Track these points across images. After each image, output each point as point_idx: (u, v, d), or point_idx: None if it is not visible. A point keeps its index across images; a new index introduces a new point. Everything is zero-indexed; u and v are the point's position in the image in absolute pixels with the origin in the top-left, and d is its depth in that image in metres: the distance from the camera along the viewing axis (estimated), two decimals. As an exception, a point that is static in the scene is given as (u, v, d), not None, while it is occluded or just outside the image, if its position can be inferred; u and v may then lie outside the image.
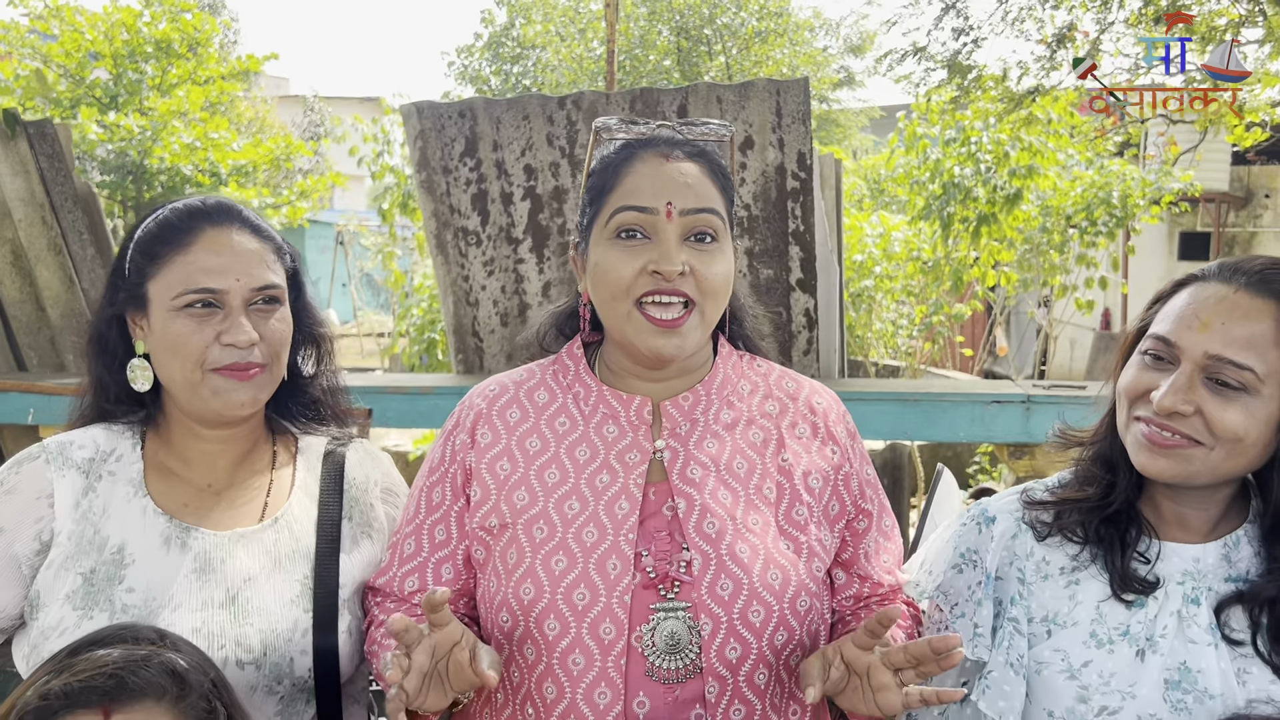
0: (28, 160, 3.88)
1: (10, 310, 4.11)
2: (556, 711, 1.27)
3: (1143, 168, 13.95)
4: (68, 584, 1.33)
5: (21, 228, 3.96)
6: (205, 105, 18.20)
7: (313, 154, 21.33)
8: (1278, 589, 1.22)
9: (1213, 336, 1.21)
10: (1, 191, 3.92)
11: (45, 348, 4.16)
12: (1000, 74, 8.38)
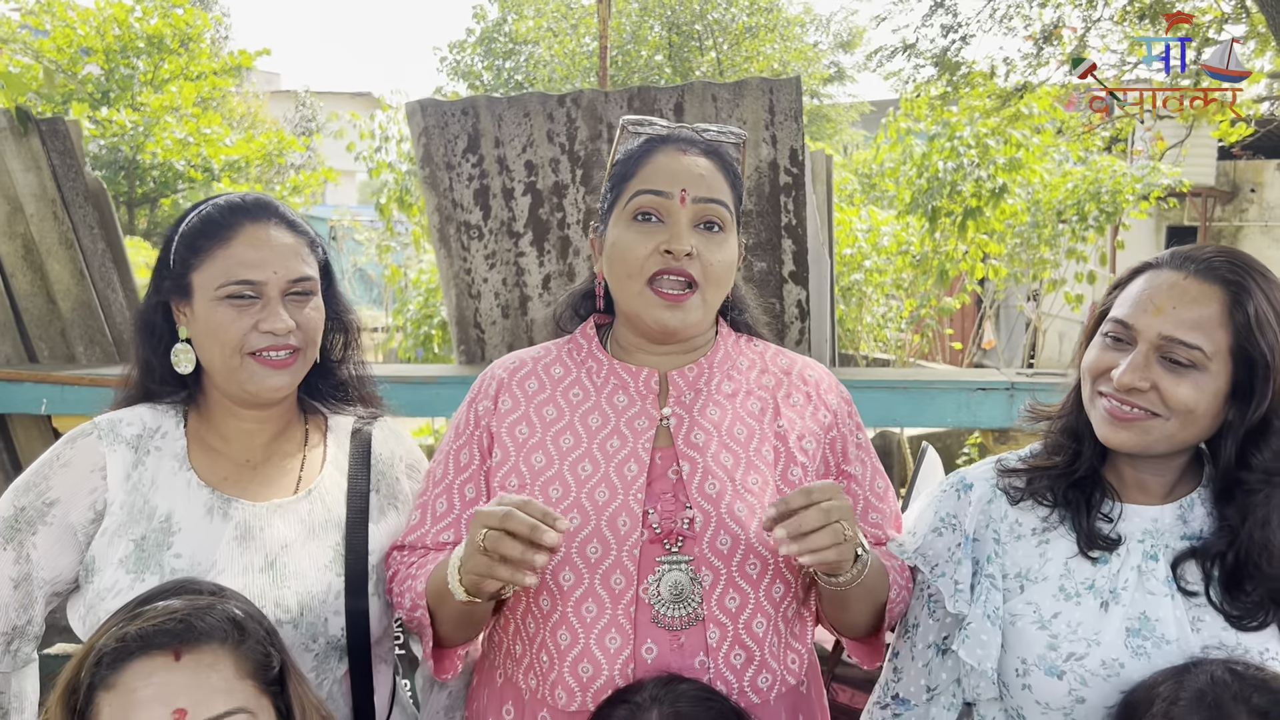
0: (39, 156, 3.98)
1: (21, 303, 4.20)
2: (570, 657, 1.39)
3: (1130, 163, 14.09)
4: (120, 550, 1.44)
5: (33, 222, 4.06)
6: (197, 101, 18.18)
7: (305, 149, 21.29)
8: (1227, 544, 1.35)
9: (1166, 319, 1.33)
10: (14, 187, 4.01)
11: (56, 339, 4.26)
12: (989, 71, 8.53)
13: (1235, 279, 1.36)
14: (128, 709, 1.10)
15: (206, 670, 1.14)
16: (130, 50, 18.10)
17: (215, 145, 16.67)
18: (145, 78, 18.67)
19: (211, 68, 19.15)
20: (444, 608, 1.41)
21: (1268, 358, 1.32)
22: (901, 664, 1.58)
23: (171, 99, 17.02)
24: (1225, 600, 1.36)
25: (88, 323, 4.18)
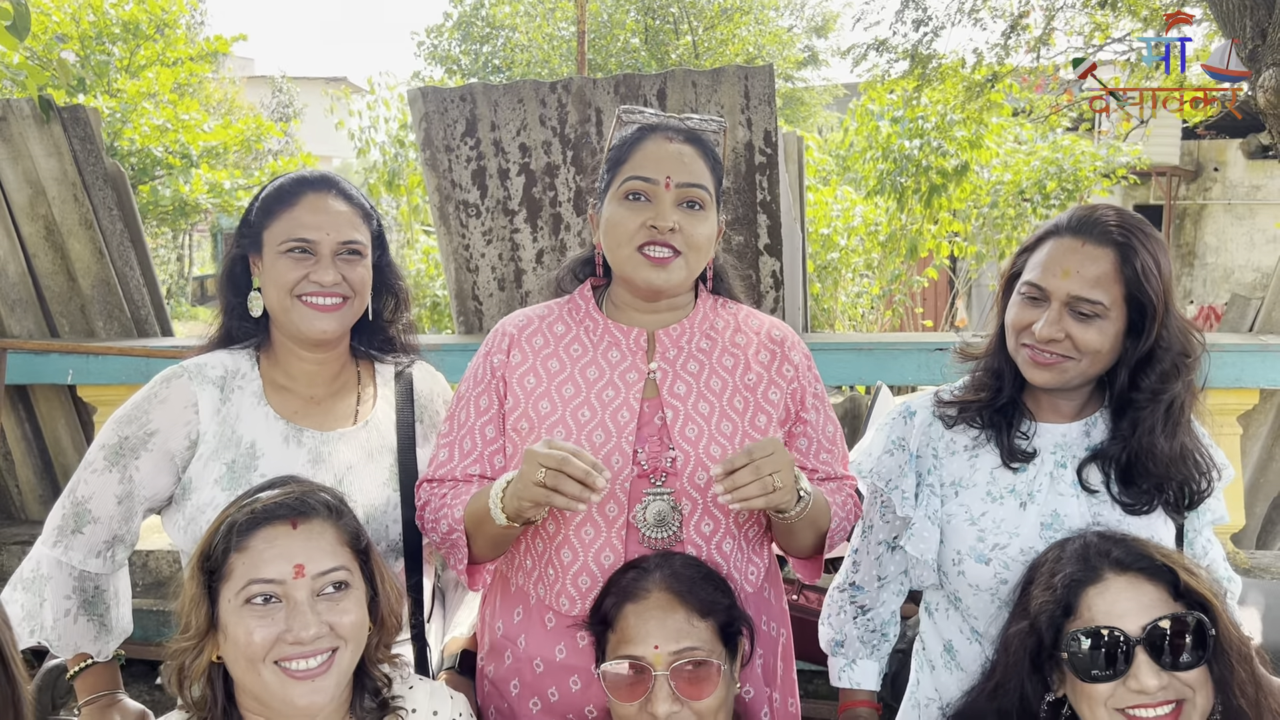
0: (61, 142, 4.22)
1: (43, 281, 4.45)
2: (571, 571, 1.68)
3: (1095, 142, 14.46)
4: (215, 472, 1.73)
5: (55, 205, 4.30)
6: (174, 87, 18.14)
7: (283, 135, 21.28)
8: (1121, 449, 1.66)
9: (1072, 282, 1.64)
10: (36, 171, 4.25)
11: (76, 315, 4.51)
12: (959, 62, 8.82)
13: (1124, 240, 1.67)
14: (258, 565, 1.38)
15: (316, 536, 1.43)
16: (106, 36, 18.01)
17: (193, 131, 16.62)
18: (121, 64, 18.59)
19: (188, 53, 19.07)
20: (481, 531, 1.63)
21: (1153, 301, 1.63)
22: (859, 558, 1.89)
23: (148, 85, 16.96)
24: (1121, 493, 1.68)
25: (107, 299, 4.43)
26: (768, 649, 1.79)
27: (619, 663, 1.44)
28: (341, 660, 1.40)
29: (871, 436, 1.89)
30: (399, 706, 1.50)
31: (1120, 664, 1.39)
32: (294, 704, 1.37)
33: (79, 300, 4.46)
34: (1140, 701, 1.38)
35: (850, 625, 1.86)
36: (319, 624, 1.37)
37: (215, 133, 16.99)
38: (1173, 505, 1.69)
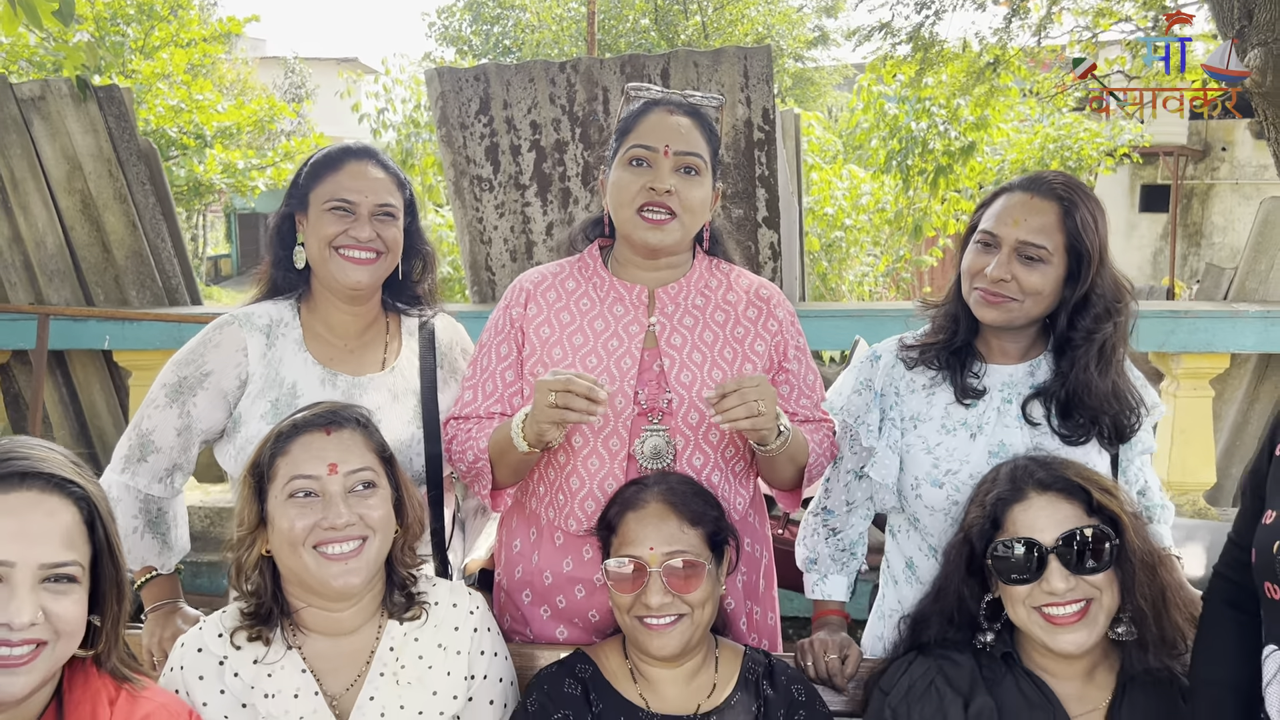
0: (97, 120, 4.45)
1: (80, 252, 4.70)
2: (579, 496, 1.91)
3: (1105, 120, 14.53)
4: (261, 409, 1.97)
5: (90, 180, 4.54)
6: (188, 67, 18.31)
7: (295, 115, 21.43)
8: (1060, 386, 1.88)
9: (1020, 229, 1.86)
10: (73, 148, 4.49)
11: (110, 285, 4.76)
12: (960, 47, 8.96)
13: (1067, 196, 1.88)
14: (298, 464, 1.62)
15: (347, 442, 1.66)
16: (120, 17, 18.14)
17: (207, 112, 16.76)
18: (136, 45, 18.74)
19: (201, 34, 19.20)
20: (504, 459, 1.85)
21: (1089, 252, 1.85)
22: (831, 486, 2.12)
23: (163, 66, 17.10)
24: (1060, 425, 1.90)
25: (139, 270, 4.68)
26: (750, 568, 2.03)
27: (620, 561, 1.67)
28: (370, 549, 1.63)
29: (844, 380, 2.12)
30: (424, 601, 1.74)
31: (1036, 569, 1.61)
32: (330, 585, 1.60)
33: (113, 271, 4.70)
34: (1051, 600, 1.60)
35: (823, 545, 2.10)
36: (350, 514, 1.60)
37: (229, 113, 17.13)
38: (1106, 438, 1.91)
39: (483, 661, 1.73)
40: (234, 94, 21.00)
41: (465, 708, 1.70)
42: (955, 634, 1.73)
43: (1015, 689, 1.67)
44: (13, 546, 1.29)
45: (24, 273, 4.65)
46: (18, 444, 1.39)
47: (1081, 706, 1.65)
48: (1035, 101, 12.76)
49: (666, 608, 1.64)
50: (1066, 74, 13.17)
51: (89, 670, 1.42)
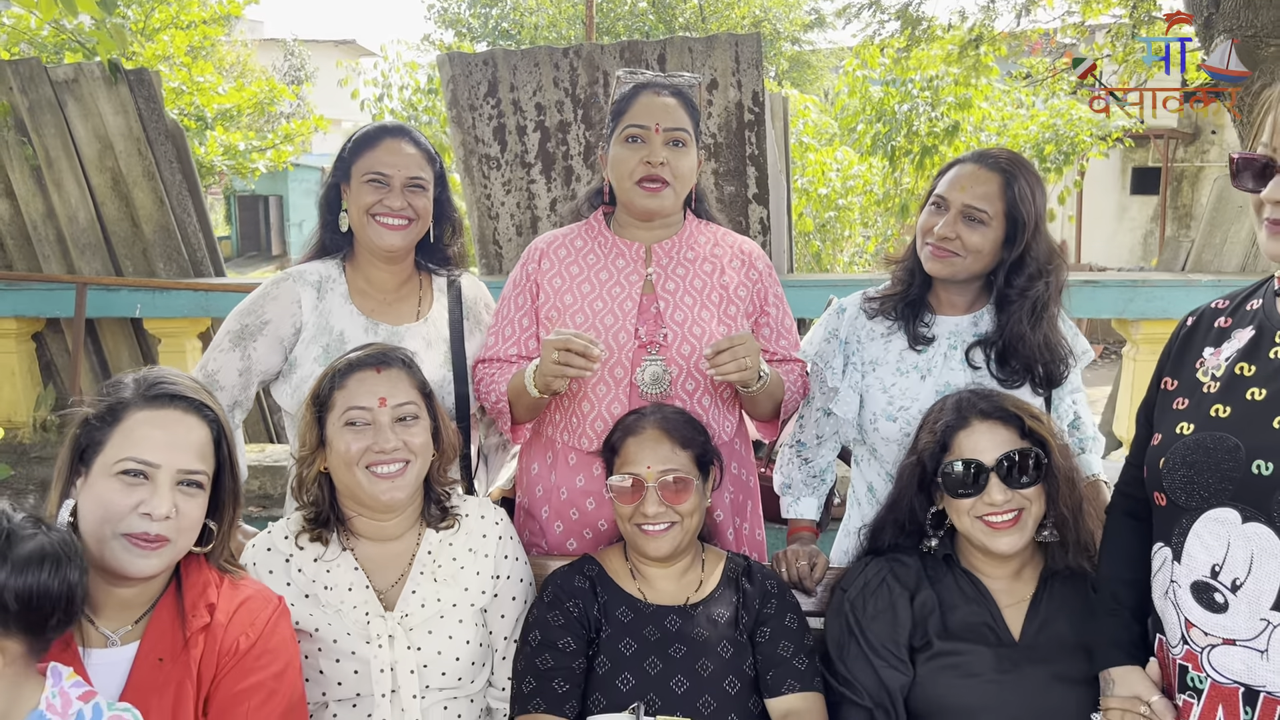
0: (127, 102, 4.74)
1: (110, 226, 4.99)
2: (589, 418, 2.22)
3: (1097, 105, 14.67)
4: (314, 352, 2.27)
5: (121, 158, 4.83)
6: (188, 50, 18.45)
7: (295, 98, 21.56)
8: (998, 336, 2.19)
9: (967, 194, 2.16)
10: (105, 128, 4.78)
11: (139, 258, 5.05)
12: (946, 24, 9.23)
13: (1009, 170, 2.18)
14: (354, 397, 1.91)
15: (394, 379, 1.95)
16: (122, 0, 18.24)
17: (208, 94, 16.84)
18: (137, 27, 18.84)
19: (201, 16, 19.30)
20: (520, 401, 2.16)
21: (1025, 218, 2.15)
22: (804, 422, 2.43)
23: (164, 48, 17.18)
24: (997, 370, 2.20)
25: (166, 243, 4.97)
26: (738, 488, 2.35)
27: (622, 477, 1.98)
28: (412, 470, 1.93)
29: (814, 330, 2.43)
30: (456, 513, 2.05)
31: (978, 484, 1.92)
32: (379, 499, 1.90)
33: (141, 244, 4.99)
34: (991, 510, 1.90)
35: (796, 472, 2.41)
36: (396, 440, 1.90)
37: (229, 95, 17.24)
38: (1039, 383, 2.21)
39: (506, 564, 2.04)
40: (234, 76, 21.11)
41: (491, 602, 2.01)
42: (905, 540, 2.03)
43: (954, 585, 1.97)
44: (160, 452, 1.57)
45: (57, 246, 4.94)
46: (166, 373, 1.68)
47: (1010, 599, 1.95)
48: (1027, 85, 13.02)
49: (661, 516, 1.95)
50: (1058, 59, 13.43)
51: (201, 563, 1.70)
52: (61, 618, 1.39)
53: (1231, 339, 1.64)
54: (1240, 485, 1.49)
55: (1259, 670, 1.47)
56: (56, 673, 1.42)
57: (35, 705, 1.37)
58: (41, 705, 1.37)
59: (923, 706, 1.87)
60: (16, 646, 1.34)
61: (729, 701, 1.87)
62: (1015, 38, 9.37)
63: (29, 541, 1.37)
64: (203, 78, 16.97)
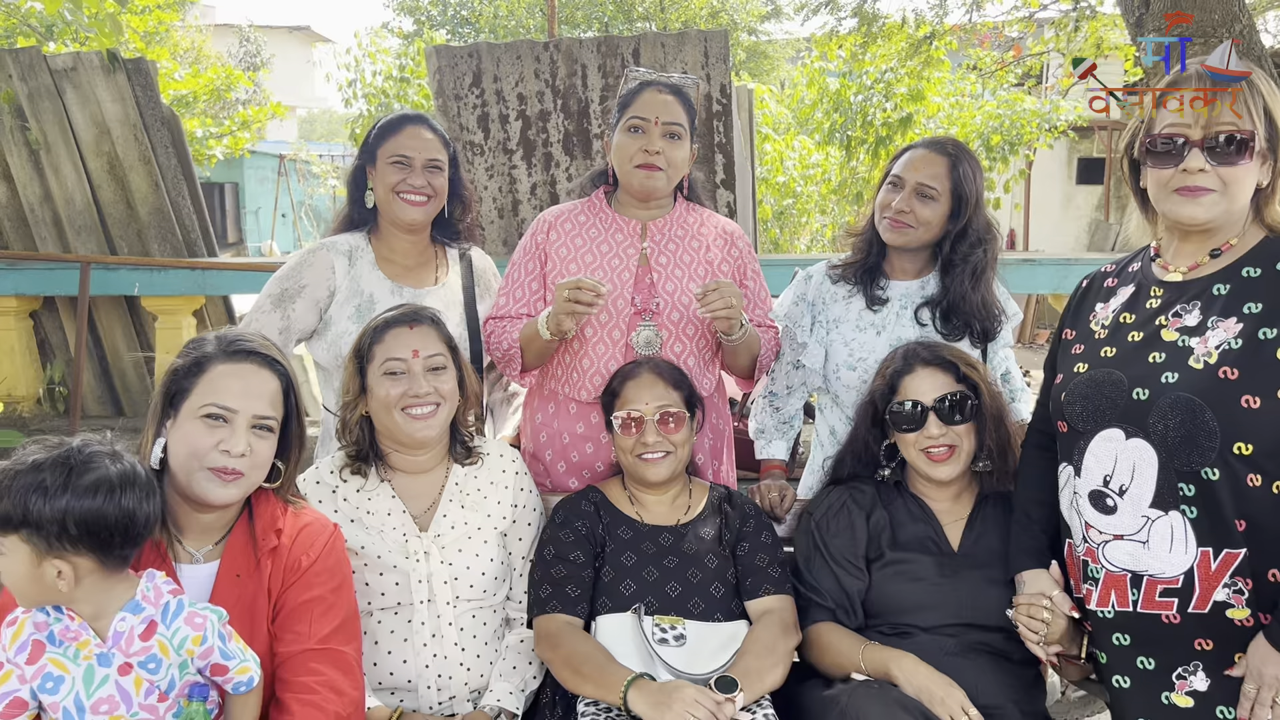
0: (125, 89, 4.95)
1: (106, 209, 5.20)
2: (589, 374, 2.54)
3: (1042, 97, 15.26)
4: (347, 312, 2.57)
5: (118, 143, 5.04)
6: (142, 35, 18.32)
7: (252, 84, 21.45)
8: (942, 297, 2.55)
9: (919, 174, 2.51)
10: (102, 114, 4.99)
11: (134, 239, 5.27)
12: (900, 21, 9.64)
13: (954, 154, 2.54)
14: (391, 349, 2.20)
15: (425, 334, 2.25)
16: (77, -16, 17.98)
17: (163, 80, 16.75)
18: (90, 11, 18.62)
19: (155, 1, 19.13)
20: (531, 346, 2.45)
21: (968, 195, 2.51)
22: (776, 375, 2.77)
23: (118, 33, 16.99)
24: (941, 327, 2.56)
25: (161, 225, 5.19)
26: (715, 436, 2.69)
27: (624, 413, 2.31)
28: (442, 412, 2.23)
29: (785, 294, 2.78)
30: (479, 451, 2.36)
31: (919, 421, 2.27)
32: (414, 436, 2.20)
33: (136, 226, 5.21)
34: (930, 444, 2.25)
35: (769, 419, 2.76)
36: (428, 386, 2.20)
37: (185, 82, 17.16)
38: (976, 337, 2.58)
39: (522, 495, 2.36)
40: (189, 62, 20.93)
41: (510, 527, 2.33)
42: (862, 470, 2.39)
43: (904, 506, 2.33)
44: (239, 400, 1.83)
45: (53, 228, 5.14)
46: (243, 332, 1.95)
47: (950, 517, 2.31)
48: (976, 77, 13.49)
49: (658, 445, 2.28)
50: (1006, 52, 13.92)
51: (269, 496, 1.96)
52: (122, 539, 1.59)
53: (1117, 295, 2.00)
54: (1124, 409, 1.83)
55: (1142, 558, 1.81)
56: (151, 575, 1.69)
57: (131, 597, 1.64)
58: (137, 596, 1.64)
59: (877, 606, 2.21)
60: (87, 563, 1.57)
61: (715, 603, 2.21)
62: (965, 31, 9.81)
63: (92, 473, 1.57)
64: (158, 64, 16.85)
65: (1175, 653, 1.82)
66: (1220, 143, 1.78)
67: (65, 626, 1.60)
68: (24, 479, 1.53)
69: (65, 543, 1.53)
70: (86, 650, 1.59)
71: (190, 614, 1.65)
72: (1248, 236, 1.86)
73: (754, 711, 1.98)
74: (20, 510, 1.51)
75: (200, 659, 1.65)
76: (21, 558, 1.53)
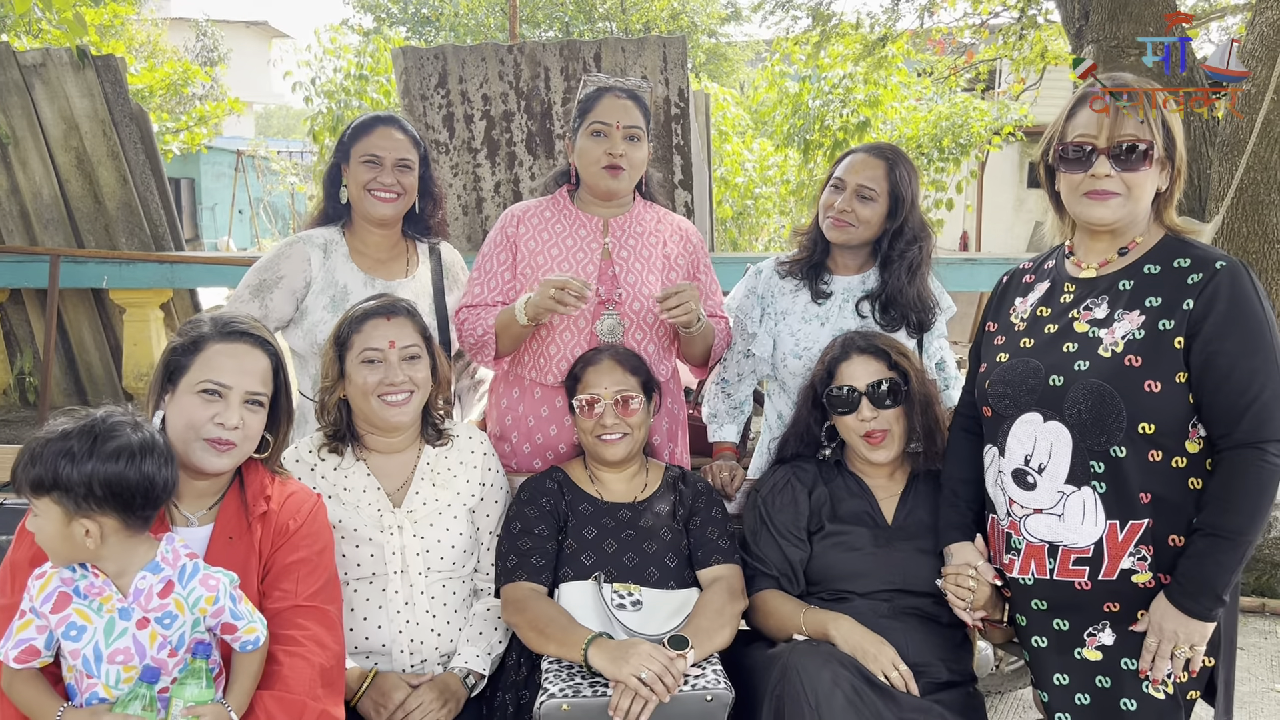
0: (94, 85, 5.02)
1: (74, 203, 5.26)
2: (555, 359, 2.70)
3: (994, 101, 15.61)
4: (322, 302, 2.71)
5: (86, 139, 5.11)
6: (97, 29, 18.09)
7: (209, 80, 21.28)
8: (881, 290, 2.74)
9: (859, 176, 2.70)
10: (71, 109, 5.05)
11: (101, 233, 5.34)
12: (855, 23, 9.89)
13: (891, 158, 2.74)
14: (368, 339, 2.34)
15: (401, 324, 2.39)
16: (31, -24, 17.69)
17: (121, 74, 16.52)
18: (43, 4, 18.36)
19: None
20: (507, 332, 2.57)
21: (904, 196, 2.70)
22: (727, 363, 2.96)
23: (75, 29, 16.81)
24: (880, 318, 2.76)
25: (129, 220, 5.27)
26: (670, 420, 2.87)
27: (585, 397, 2.48)
28: (415, 399, 2.38)
29: (737, 288, 2.97)
30: (449, 433, 2.52)
31: (853, 405, 2.45)
32: (389, 421, 2.35)
33: (104, 220, 5.28)
34: (864, 427, 2.43)
35: (721, 404, 2.95)
36: (403, 375, 2.35)
37: (141, 76, 17.00)
38: (912, 328, 2.78)
39: (490, 475, 2.52)
40: (144, 56, 20.68)
41: (478, 504, 2.48)
42: (805, 450, 2.57)
43: (843, 483, 2.51)
44: (232, 376, 1.96)
45: (20, 221, 5.19)
46: (236, 314, 2.08)
47: (885, 493, 2.50)
48: (930, 82, 13.80)
49: (615, 427, 2.45)
50: (959, 57, 14.24)
51: (258, 466, 2.10)
52: (143, 500, 1.73)
53: (1034, 290, 2.21)
54: (1041, 395, 2.02)
55: (1058, 529, 2.01)
56: (170, 539, 1.84)
57: (152, 558, 1.80)
58: (157, 557, 1.79)
59: (817, 574, 2.40)
60: (112, 522, 1.72)
61: (669, 572, 2.39)
62: (919, 36, 10.09)
63: (116, 439, 1.71)
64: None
65: (1087, 615, 2.02)
66: (1124, 151, 1.98)
67: (90, 582, 1.75)
68: (54, 446, 1.67)
69: (92, 503, 1.67)
70: (109, 605, 1.74)
71: (205, 576, 1.80)
72: (1150, 235, 2.06)
73: (704, 668, 2.16)
74: (51, 474, 1.66)
75: (212, 617, 1.79)
76: (53, 518, 1.68)
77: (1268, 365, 1.88)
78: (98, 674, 1.72)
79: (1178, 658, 1.94)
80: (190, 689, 1.73)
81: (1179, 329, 1.92)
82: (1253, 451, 1.87)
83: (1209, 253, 1.99)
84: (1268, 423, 1.87)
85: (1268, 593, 4.39)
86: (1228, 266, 1.93)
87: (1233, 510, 1.88)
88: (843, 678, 2.03)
